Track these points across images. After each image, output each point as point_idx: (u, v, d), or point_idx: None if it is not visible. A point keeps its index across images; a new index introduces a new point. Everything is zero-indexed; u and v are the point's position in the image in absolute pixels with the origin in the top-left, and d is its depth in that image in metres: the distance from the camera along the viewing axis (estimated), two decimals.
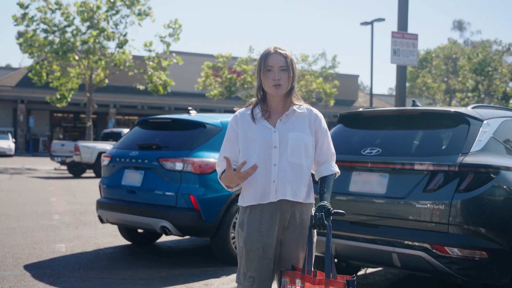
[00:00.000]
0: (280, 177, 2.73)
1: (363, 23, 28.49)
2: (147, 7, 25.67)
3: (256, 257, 2.74)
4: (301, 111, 2.83)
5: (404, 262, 4.12)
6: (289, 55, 2.80)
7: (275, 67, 2.75)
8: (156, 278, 5.46)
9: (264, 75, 2.77)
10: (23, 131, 37.36)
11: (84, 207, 10.54)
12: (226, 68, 28.84)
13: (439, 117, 4.52)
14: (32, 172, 20.44)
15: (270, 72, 2.75)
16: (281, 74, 2.75)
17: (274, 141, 2.75)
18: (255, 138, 2.77)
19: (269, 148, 2.75)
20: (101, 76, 26.03)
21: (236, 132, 2.82)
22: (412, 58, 10.76)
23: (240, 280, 2.79)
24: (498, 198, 3.98)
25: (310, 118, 2.84)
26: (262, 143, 2.75)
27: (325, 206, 2.69)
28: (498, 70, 38.29)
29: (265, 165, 2.74)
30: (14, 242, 7.01)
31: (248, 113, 2.84)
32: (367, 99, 46.42)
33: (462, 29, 71.17)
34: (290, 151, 2.74)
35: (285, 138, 2.76)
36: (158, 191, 5.95)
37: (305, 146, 2.77)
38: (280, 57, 2.75)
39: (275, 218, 2.75)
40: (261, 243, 2.74)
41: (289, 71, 2.76)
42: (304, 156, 2.77)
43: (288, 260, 2.78)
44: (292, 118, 2.81)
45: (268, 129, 2.78)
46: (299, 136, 2.76)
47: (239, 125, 2.83)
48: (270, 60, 2.75)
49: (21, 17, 24.37)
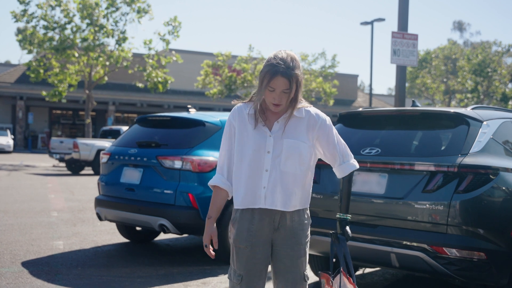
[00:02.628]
0: (271, 184, 2.68)
1: (363, 23, 28.49)
2: (147, 4, 25.67)
3: (244, 256, 2.74)
4: (300, 116, 2.73)
5: (402, 262, 4.11)
6: (297, 72, 2.62)
7: (278, 90, 2.61)
8: (154, 276, 5.46)
9: (265, 91, 2.65)
10: (22, 127, 37.32)
11: (83, 204, 10.54)
12: (226, 67, 28.83)
13: (439, 117, 4.52)
14: (30, 169, 20.42)
15: (272, 92, 2.62)
16: (282, 96, 2.62)
17: (268, 146, 2.69)
18: (249, 140, 2.71)
19: (262, 152, 2.69)
20: (101, 73, 26.01)
21: (234, 127, 2.78)
22: (412, 59, 10.76)
23: (231, 277, 2.80)
24: (497, 199, 3.98)
25: (308, 123, 2.73)
26: (256, 147, 2.69)
27: (345, 220, 2.87)
28: (498, 71, 38.32)
29: (256, 170, 2.69)
30: (12, 238, 7.00)
31: (247, 112, 2.76)
32: (366, 99, 46.43)
33: (462, 30, 71.17)
34: (283, 159, 2.68)
35: (279, 144, 2.68)
36: (156, 189, 5.94)
37: (300, 155, 2.69)
38: (285, 81, 2.59)
39: (265, 220, 2.74)
40: (249, 242, 2.73)
41: (291, 93, 2.63)
42: (299, 165, 2.70)
43: (280, 260, 2.76)
44: (290, 122, 2.71)
45: (263, 133, 2.71)
46: (294, 144, 2.68)
47: (236, 122, 2.77)
48: (275, 82, 2.60)
49: (21, 14, 24.35)
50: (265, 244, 2.76)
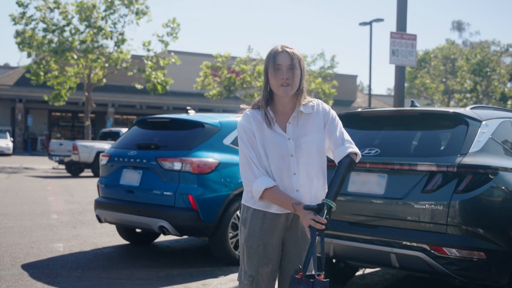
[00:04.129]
0: (302, 185, 2.69)
1: (362, 23, 28.51)
2: (145, 6, 25.68)
3: (256, 255, 2.72)
4: (308, 112, 2.73)
5: (402, 262, 4.11)
6: (298, 53, 2.68)
7: (283, 65, 2.62)
8: (154, 278, 5.45)
9: (272, 74, 2.64)
10: (21, 130, 37.31)
11: (82, 206, 10.53)
12: (225, 68, 28.84)
13: (438, 117, 4.52)
14: (30, 171, 20.41)
15: (279, 71, 2.63)
16: (289, 73, 2.62)
17: (290, 149, 2.68)
18: (270, 144, 2.68)
19: (286, 157, 2.68)
20: (100, 75, 26.01)
21: (254, 132, 2.69)
22: (411, 59, 10.76)
23: (241, 278, 2.77)
24: (496, 199, 3.98)
25: (318, 115, 2.74)
26: (279, 151, 2.67)
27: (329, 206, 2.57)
28: (497, 71, 38.34)
29: (285, 174, 2.68)
30: (12, 241, 7.00)
31: (259, 115, 2.70)
32: (365, 99, 46.44)
33: (461, 30, 71.23)
34: (305, 158, 2.69)
35: (299, 145, 2.69)
36: (156, 190, 5.94)
37: (318, 147, 2.71)
38: (288, 56, 2.64)
39: (279, 218, 2.72)
40: (262, 240, 2.71)
41: (298, 70, 2.65)
42: (318, 158, 2.71)
43: (289, 260, 2.75)
44: (301, 120, 2.72)
45: (282, 136, 2.69)
46: (310, 140, 2.69)
47: (253, 126, 2.69)
48: (279, 59, 2.63)
49: (19, 16, 24.36)
50: (277, 244, 2.74)
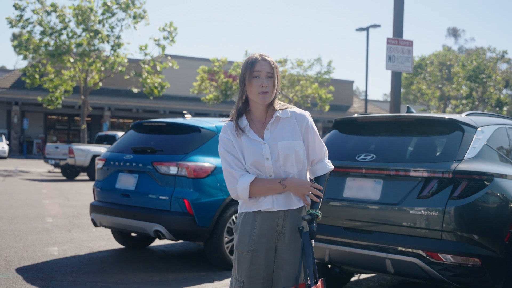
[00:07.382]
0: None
1: (359, 29, 28.57)
2: (143, 10, 25.70)
3: (246, 261, 2.73)
4: (286, 117, 2.78)
5: (397, 268, 4.12)
6: (275, 63, 2.76)
7: (262, 72, 2.70)
8: (149, 282, 5.44)
9: (250, 82, 2.70)
10: (17, 133, 37.22)
11: (78, 210, 10.50)
12: (222, 72, 28.88)
13: (434, 123, 4.54)
14: (25, 174, 20.35)
15: (257, 78, 2.70)
16: (268, 81, 2.70)
17: (265, 152, 2.72)
18: (246, 151, 2.75)
19: (261, 160, 2.72)
20: (96, 79, 25.99)
21: (232, 141, 2.77)
22: (407, 65, 10.80)
23: (232, 285, 2.78)
24: (491, 205, 4.00)
25: (296, 121, 2.78)
26: (254, 156, 2.72)
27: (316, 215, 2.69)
28: (492, 77, 38.52)
29: (262, 177, 2.74)
30: (7, 244, 6.97)
31: (235, 126, 2.78)
32: (362, 105, 46.53)
33: (457, 36, 71.53)
34: (282, 162, 2.73)
35: (275, 148, 2.72)
36: (152, 195, 5.93)
37: (296, 153, 2.74)
38: (267, 64, 2.71)
39: (267, 224, 2.74)
40: (251, 246, 2.73)
41: (275, 79, 2.73)
42: (296, 163, 2.75)
43: (281, 267, 2.75)
44: (279, 125, 2.77)
45: (257, 142, 2.74)
46: (288, 144, 2.73)
47: (231, 136, 2.78)
48: (258, 66, 2.70)
49: (16, 19, 24.34)
50: (268, 250, 2.75)
